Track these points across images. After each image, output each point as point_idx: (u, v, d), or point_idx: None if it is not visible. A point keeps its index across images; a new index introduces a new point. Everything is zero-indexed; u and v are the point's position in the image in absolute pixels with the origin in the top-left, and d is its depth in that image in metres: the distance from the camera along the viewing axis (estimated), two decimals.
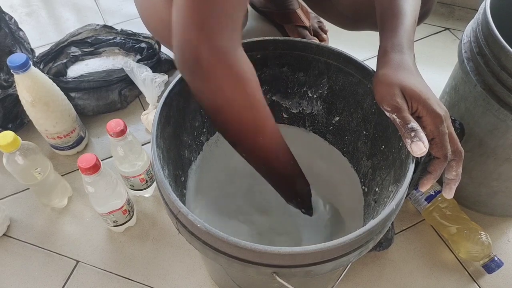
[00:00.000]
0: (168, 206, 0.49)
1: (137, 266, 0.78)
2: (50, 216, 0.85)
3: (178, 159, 0.61)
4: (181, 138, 0.62)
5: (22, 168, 0.73)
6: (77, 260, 0.79)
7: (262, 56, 0.62)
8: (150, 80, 0.93)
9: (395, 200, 0.47)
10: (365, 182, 0.67)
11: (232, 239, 0.42)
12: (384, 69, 0.50)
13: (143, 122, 0.97)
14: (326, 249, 0.42)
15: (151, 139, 0.51)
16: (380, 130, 0.61)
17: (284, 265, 0.44)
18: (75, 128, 0.89)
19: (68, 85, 0.92)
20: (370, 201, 0.64)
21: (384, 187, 0.59)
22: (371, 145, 0.64)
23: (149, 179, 0.84)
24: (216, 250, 0.45)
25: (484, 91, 0.65)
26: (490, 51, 0.63)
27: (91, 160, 0.66)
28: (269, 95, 0.69)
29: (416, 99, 0.47)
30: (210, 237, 0.44)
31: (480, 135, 0.71)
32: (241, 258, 0.44)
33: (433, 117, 0.47)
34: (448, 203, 0.80)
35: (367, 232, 0.44)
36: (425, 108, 0.47)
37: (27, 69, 0.75)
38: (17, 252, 0.80)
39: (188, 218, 0.44)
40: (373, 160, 0.64)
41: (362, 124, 0.64)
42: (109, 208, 0.75)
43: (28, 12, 1.27)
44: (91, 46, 1.05)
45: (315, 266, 0.45)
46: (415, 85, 0.48)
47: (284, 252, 0.42)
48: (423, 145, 0.45)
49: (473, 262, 0.78)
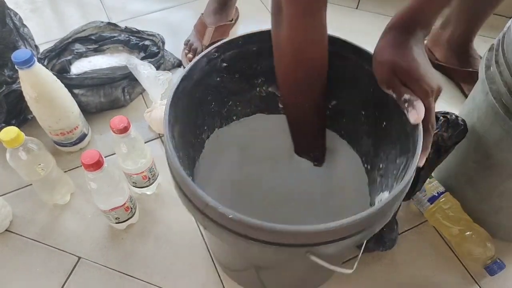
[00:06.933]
0: (193, 202, 0.49)
1: (139, 263, 0.78)
2: (52, 212, 0.85)
3: (185, 158, 0.62)
4: (187, 137, 0.62)
5: (25, 163, 0.73)
6: (79, 256, 0.79)
7: (258, 48, 0.63)
8: (154, 78, 0.93)
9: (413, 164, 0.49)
10: (367, 160, 0.69)
11: (267, 224, 0.43)
12: (380, 46, 0.53)
13: (146, 119, 0.97)
14: (358, 220, 0.44)
15: (165, 139, 0.51)
16: (380, 108, 0.62)
17: (318, 243, 0.45)
18: (78, 124, 0.89)
19: (71, 82, 0.92)
20: (375, 177, 0.65)
21: (390, 161, 0.60)
22: (370, 124, 0.65)
23: (152, 177, 0.84)
24: (249, 239, 0.46)
25: (494, 100, 0.64)
26: (505, 60, 0.62)
27: (95, 156, 0.66)
28: (265, 87, 0.69)
29: (405, 76, 0.50)
30: (243, 226, 0.44)
31: (487, 146, 0.70)
32: (276, 242, 0.45)
33: (420, 93, 0.50)
34: (451, 204, 0.79)
35: (398, 193, 0.47)
36: (412, 85, 0.50)
37: (32, 65, 0.75)
38: (19, 248, 0.80)
39: (218, 211, 0.44)
40: (374, 138, 0.65)
41: (360, 106, 0.65)
42: (112, 205, 0.75)
43: (33, 9, 1.28)
44: (95, 43, 1.05)
45: (347, 239, 0.46)
46: (405, 63, 0.50)
47: (319, 230, 0.43)
48: (416, 113, 0.49)
49: (475, 263, 0.78)
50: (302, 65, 0.58)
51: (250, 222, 0.43)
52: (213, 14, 1.13)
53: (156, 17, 1.26)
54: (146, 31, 1.08)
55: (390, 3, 1.28)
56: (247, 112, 0.72)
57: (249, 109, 0.72)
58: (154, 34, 1.07)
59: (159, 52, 1.03)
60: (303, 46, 0.56)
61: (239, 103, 0.70)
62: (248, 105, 0.71)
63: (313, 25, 0.54)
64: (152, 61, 0.99)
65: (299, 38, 0.55)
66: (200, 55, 0.58)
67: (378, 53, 0.53)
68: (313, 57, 0.58)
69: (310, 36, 0.55)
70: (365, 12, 1.27)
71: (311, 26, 0.54)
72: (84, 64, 1.01)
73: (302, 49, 0.56)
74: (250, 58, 0.63)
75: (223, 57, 0.61)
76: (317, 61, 0.58)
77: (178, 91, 0.55)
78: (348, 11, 1.27)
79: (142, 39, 1.06)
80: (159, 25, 1.22)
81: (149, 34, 1.07)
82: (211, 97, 0.65)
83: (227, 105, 0.69)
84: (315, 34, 0.55)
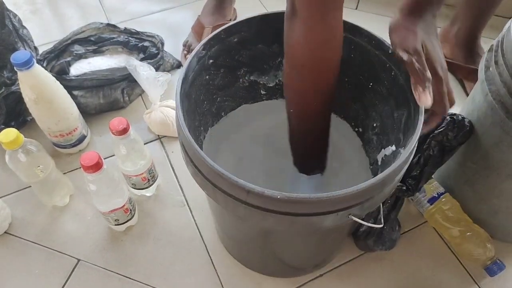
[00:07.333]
0: (233, 196, 0.49)
1: (138, 265, 0.78)
2: (51, 214, 0.85)
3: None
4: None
5: (24, 165, 0.73)
6: (78, 258, 0.79)
7: (239, 38, 0.64)
8: (153, 79, 0.93)
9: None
10: (357, 124, 0.71)
11: (314, 195, 0.45)
12: (409, 18, 0.52)
13: (145, 120, 0.97)
14: (389, 174, 0.47)
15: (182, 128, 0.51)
16: (364, 71, 0.64)
17: (357, 203, 0.48)
18: (77, 126, 0.89)
19: (71, 83, 0.92)
20: (370, 137, 0.68)
21: (386, 117, 0.63)
22: (356, 89, 0.67)
23: (151, 178, 0.83)
24: (294, 215, 0.48)
25: (493, 101, 0.63)
26: (504, 61, 0.61)
27: (94, 158, 0.66)
28: (247, 76, 0.70)
29: (428, 57, 0.50)
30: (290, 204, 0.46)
31: (486, 147, 0.70)
32: (322, 211, 0.48)
33: (436, 79, 0.50)
34: (451, 205, 0.79)
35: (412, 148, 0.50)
36: (431, 69, 0.50)
37: (31, 66, 0.75)
38: (19, 250, 0.80)
39: (265, 194, 0.45)
40: (362, 101, 0.67)
41: (343, 73, 0.65)
42: (111, 206, 0.74)
43: (32, 10, 1.27)
44: (94, 44, 1.05)
45: (376, 196, 0.49)
46: (430, 44, 0.51)
47: (360, 189, 0.45)
48: (430, 98, 0.48)
49: (475, 264, 0.78)
50: (318, 67, 0.56)
51: (299, 196, 0.45)
52: (210, 14, 1.13)
53: (156, 18, 1.25)
54: (145, 32, 1.07)
55: (389, 3, 1.28)
56: (232, 106, 0.74)
57: (234, 102, 0.73)
58: (153, 35, 1.07)
59: (159, 53, 1.03)
60: (315, 46, 0.54)
61: (226, 98, 0.71)
62: (233, 99, 0.73)
63: (327, 25, 0.53)
64: (151, 62, 0.99)
65: (312, 37, 0.53)
66: (191, 56, 0.58)
67: (409, 21, 0.52)
68: (324, 57, 0.56)
69: (324, 36, 0.54)
70: (364, 12, 1.27)
71: (325, 25, 0.53)
72: (83, 65, 1.01)
73: (314, 49, 0.55)
74: (232, 50, 0.64)
75: (210, 53, 0.62)
76: (332, 62, 0.57)
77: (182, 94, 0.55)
78: (348, 11, 1.26)
79: (142, 40, 1.06)
80: (159, 26, 1.22)
81: (149, 35, 1.07)
82: (203, 96, 0.66)
83: (216, 102, 0.70)
84: (329, 34, 0.54)
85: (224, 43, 0.63)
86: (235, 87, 0.70)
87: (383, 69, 0.60)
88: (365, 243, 0.77)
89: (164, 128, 0.95)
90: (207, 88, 0.65)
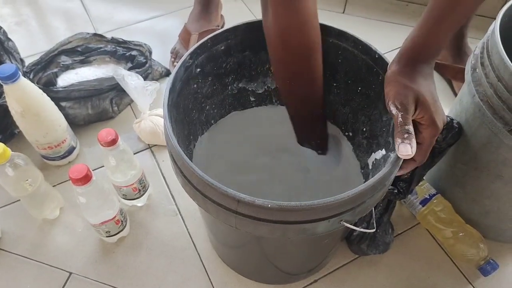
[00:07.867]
0: (223, 206, 0.49)
1: (131, 277, 0.77)
2: (41, 227, 0.84)
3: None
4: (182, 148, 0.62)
5: (12, 180, 0.72)
6: (70, 271, 0.78)
7: (225, 46, 0.64)
8: (142, 88, 0.92)
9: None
10: (347, 128, 0.71)
11: (305, 202, 0.45)
12: (405, 70, 0.51)
13: (135, 130, 0.96)
14: (379, 179, 0.47)
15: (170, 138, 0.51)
16: (352, 75, 0.64)
17: (349, 209, 0.48)
18: (66, 138, 0.88)
19: (58, 95, 0.91)
20: (360, 141, 0.68)
21: (374, 121, 0.63)
22: (344, 93, 0.68)
23: (142, 188, 0.83)
24: (286, 223, 0.48)
25: (481, 102, 0.64)
26: (490, 62, 0.62)
27: (82, 170, 0.65)
28: (235, 84, 0.70)
29: (426, 109, 0.49)
30: (281, 212, 0.46)
31: (475, 148, 0.70)
32: (314, 219, 0.48)
33: (432, 129, 0.50)
34: (443, 206, 0.80)
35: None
36: (430, 120, 0.49)
37: (16, 79, 0.74)
38: (9, 265, 0.79)
39: (255, 203, 0.45)
40: (350, 105, 0.68)
41: (331, 78, 0.67)
42: (102, 218, 0.74)
43: (18, 22, 1.26)
44: (81, 55, 1.04)
45: (367, 201, 0.50)
46: (428, 95, 0.50)
47: (351, 195, 0.46)
48: (410, 149, 0.47)
49: (469, 265, 0.78)
50: (289, 50, 0.59)
51: (290, 205, 0.45)
52: (196, 20, 1.13)
53: (143, 27, 1.25)
54: (133, 41, 1.07)
55: (377, 7, 1.29)
56: (222, 113, 0.73)
57: (223, 110, 0.73)
58: (141, 44, 1.06)
59: (147, 62, 1.02)
60: (287, 31, 0.57)
61: (215, 106, 0.71)
62: (222, 106, 0.72)
63: (296, 10, 0.55)
64: (139, 71, 0.98)
65: (283, 23, 0.56)
66: (178, 65, 0.58)
67: (403, 77, 0.51)
68: (299, 42, 0.58)
69: (294, 20, 0.56)
70: (351, 16, 1.28)
71: (293, 11, 0.55)
72: (70, 76, 1.00)
73: (287, 34, 0.57)
74: (219, 58, 0.64)
75: (197, 62, 0.62)
76: (304, 45, 0.59)
77: (170, 104, 0.55)
78: (335, 15, 1.28)
79: (129, 50, 1.06)
80: (146, 34, 1.21)
81: (136, 44, 1.06)
82: (192, 105, 0.65)
83: (205, 110, 0.70)
84: (299, 18, 0.56)
85: (211, 51, 0.62)
86: (224, 95, 0.70)
87: (370, 73, 0.60)
88: (359, 247, 0.77)
89: (154, 137, 0.94)
90: (195, 96, 0.65)
